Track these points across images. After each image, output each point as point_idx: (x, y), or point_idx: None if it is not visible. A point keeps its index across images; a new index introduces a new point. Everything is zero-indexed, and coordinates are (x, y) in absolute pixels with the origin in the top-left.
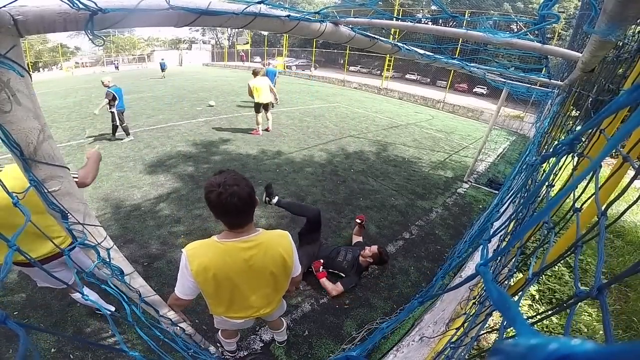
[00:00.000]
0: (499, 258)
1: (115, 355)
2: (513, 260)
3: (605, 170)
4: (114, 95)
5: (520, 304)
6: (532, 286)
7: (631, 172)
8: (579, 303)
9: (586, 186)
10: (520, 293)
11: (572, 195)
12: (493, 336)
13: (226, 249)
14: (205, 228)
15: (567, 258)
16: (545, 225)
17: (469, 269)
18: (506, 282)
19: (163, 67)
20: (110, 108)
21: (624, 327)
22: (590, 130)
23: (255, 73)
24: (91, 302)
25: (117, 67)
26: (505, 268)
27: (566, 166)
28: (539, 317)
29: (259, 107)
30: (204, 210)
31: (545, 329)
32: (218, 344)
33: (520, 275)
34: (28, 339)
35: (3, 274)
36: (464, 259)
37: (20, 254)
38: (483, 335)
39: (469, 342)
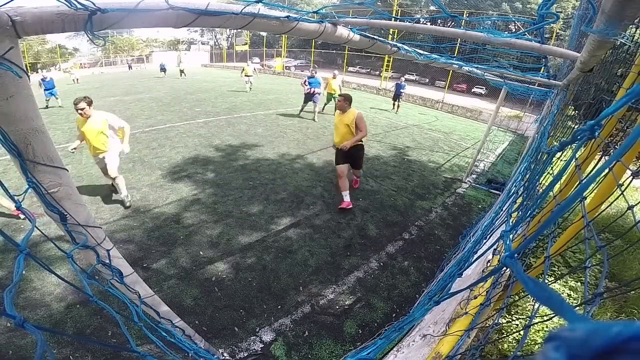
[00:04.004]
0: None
1: (114, 355)
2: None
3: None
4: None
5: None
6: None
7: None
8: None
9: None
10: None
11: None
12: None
13: None
14: (203, 229)
15: (567, 258)
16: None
17: (470, 268)
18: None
19: (163, 69)
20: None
21: None
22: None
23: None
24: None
25: (130, 67)
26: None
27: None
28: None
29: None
30: (202, 211)
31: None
32: None
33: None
34: (45, 341)
35: (17, 278)
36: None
37: (32, 259)
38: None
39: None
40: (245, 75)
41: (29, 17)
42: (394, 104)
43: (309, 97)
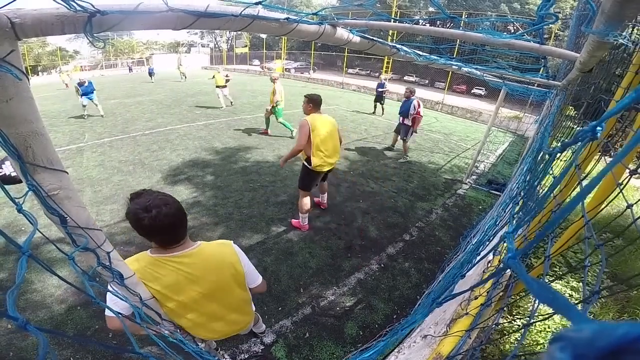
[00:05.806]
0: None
1: (115, 357)
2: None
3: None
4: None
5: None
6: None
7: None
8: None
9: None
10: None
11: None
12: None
13: (157, 262)
14: (203, 232)
15: (568, 258)
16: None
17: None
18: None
19: (151, 73)
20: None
21: None
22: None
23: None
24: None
25: (130, 69)
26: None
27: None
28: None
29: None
30: (203, 213)
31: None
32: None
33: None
34: (48, 343)
35: (19, 279)
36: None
37: (34, 260)
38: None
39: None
40: (217, 87)
41: (29, 19)
42: (375, 106)
43: (400, 127)
